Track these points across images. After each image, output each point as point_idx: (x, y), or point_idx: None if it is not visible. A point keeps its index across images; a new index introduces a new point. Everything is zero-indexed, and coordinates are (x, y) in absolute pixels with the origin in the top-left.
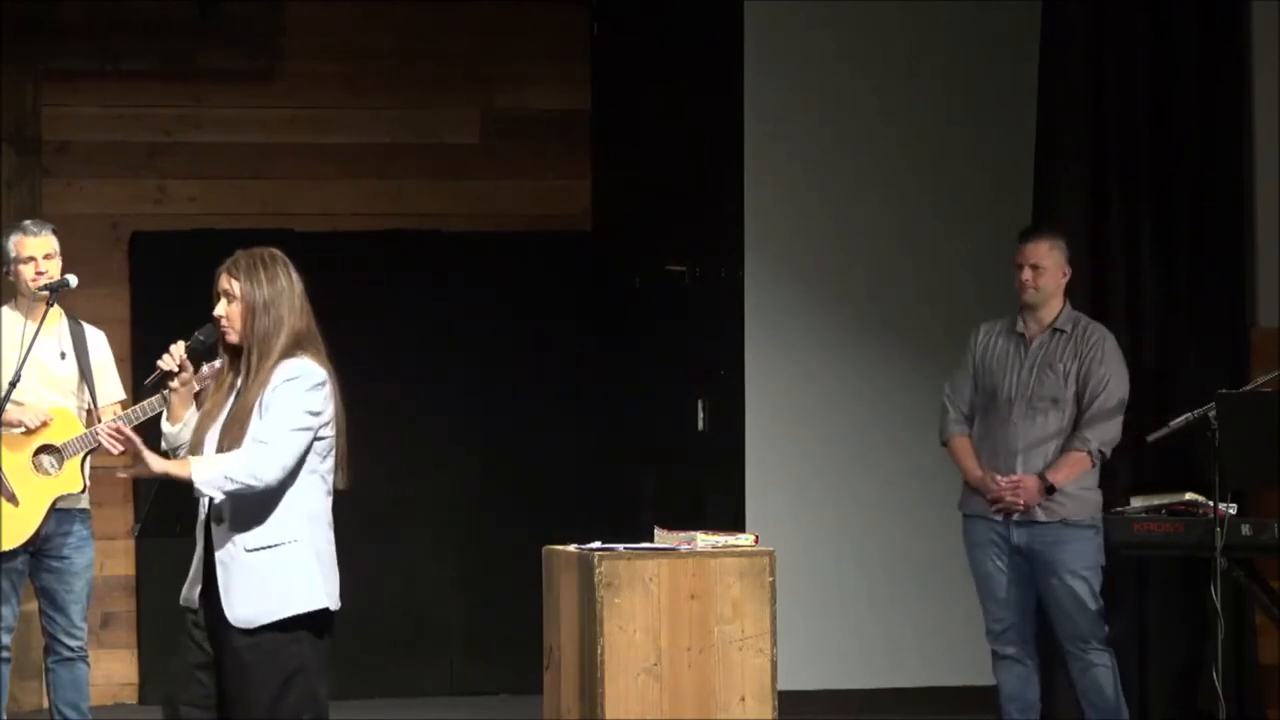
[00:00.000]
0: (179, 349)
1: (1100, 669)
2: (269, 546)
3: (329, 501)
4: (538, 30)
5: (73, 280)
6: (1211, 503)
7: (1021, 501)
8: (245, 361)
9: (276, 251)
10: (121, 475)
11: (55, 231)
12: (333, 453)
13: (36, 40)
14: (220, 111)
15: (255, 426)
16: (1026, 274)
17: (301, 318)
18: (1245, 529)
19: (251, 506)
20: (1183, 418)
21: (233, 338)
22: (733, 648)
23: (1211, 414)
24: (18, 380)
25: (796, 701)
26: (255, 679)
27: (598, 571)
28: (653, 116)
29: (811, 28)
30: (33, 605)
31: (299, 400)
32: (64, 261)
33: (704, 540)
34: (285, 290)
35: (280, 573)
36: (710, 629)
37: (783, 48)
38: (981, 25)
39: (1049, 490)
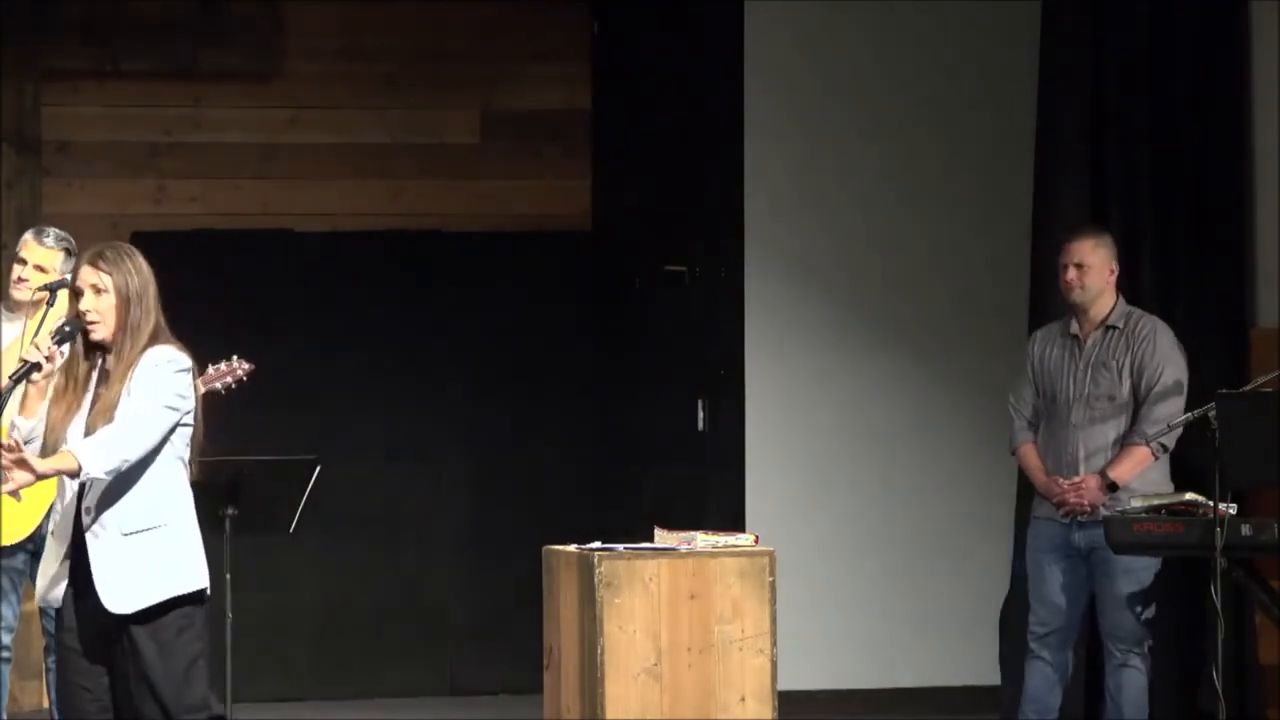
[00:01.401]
0: (47, 340)
1: (1134, 672)
2: (146, 530)
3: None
4: (538, 30)
5: None
6: (1211, 503)
7: (1085, 502)
8: (116, 352)
9: (130, 245)
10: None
11: (70, 253)
12: (191, 442)
13: (36, 40)
14: (220, 111)
15: (125, 405)
16: (1071, 274)
17: (159, 309)
18: (1245, 529)
19: (121, 491)
20: (1183, 418)
21: (102, 333)
22: (733, 648)
23: (1211, 414)
24: (18, 379)
25: (796, 701)
26: (158, 671)
27: (598, 571)
28: (652, 116)
29: (811, 28)
30: (33, 605)
31: (169, 382)
32: None
33: (704, 540)
34: (150, 281)
35: (158, 555)
36: (710, 629)
37: (783, 48)
38: (981, 25)
39: (1111, 488)
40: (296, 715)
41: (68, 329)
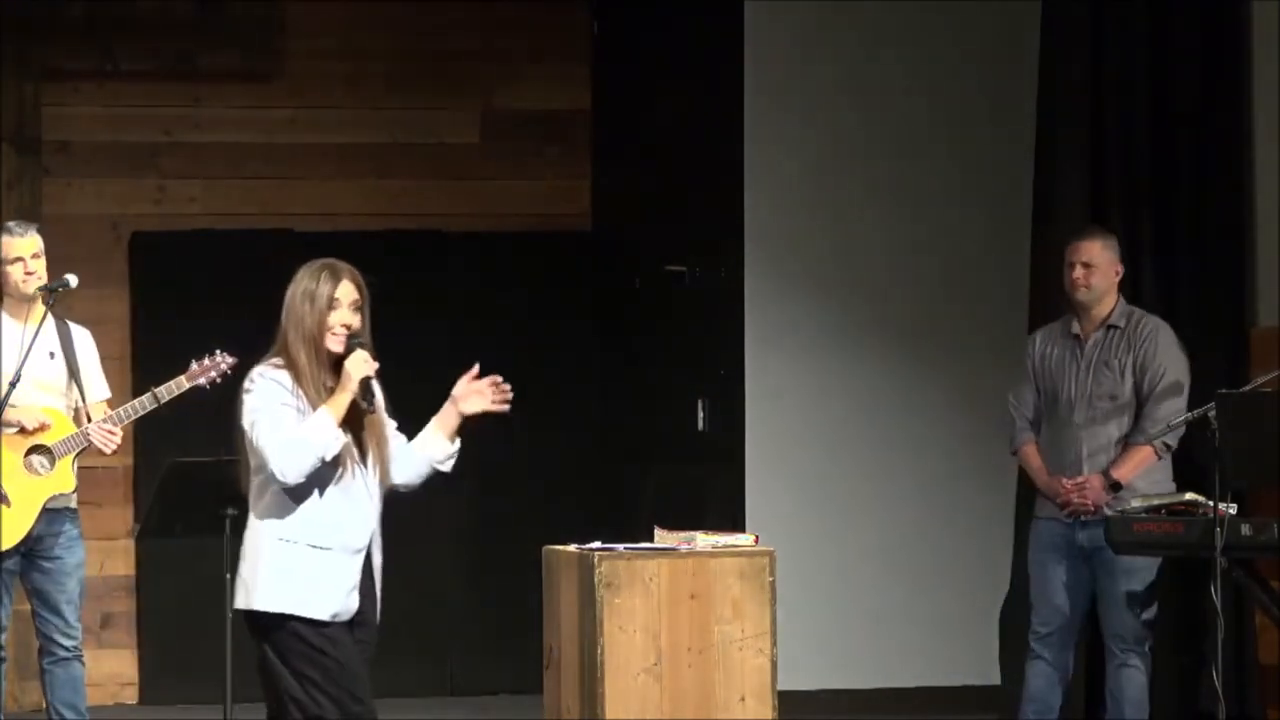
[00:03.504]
0: (362, 356)
1: (1134, 671)
2: None
3: None
4: (538, 30)
5: (73, 280)
6: (1211, 503)
7: (1089, 502)
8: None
9: None
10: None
11: (40, 230)
12: None
13: (36, 40)
14: (220, 111)
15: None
16: (1078, 272)
17: None
18: (1245, 529)
19: None
20: (1183, 418)
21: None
22: (733, 648)
23: (1211, 414)
24: (18, 381)
25: (796, 701)
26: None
27: (598, 571)
28: (652, 116)
29: (811, 28)
30: (27, 606)
31: None
32: (64, 261)
33: (704, 540)
34: None
35: None
36: (710, 629)
37: (783, 47)
38: (981, 25)
39: (1114, 487)
40: None
41: (362, 342)
